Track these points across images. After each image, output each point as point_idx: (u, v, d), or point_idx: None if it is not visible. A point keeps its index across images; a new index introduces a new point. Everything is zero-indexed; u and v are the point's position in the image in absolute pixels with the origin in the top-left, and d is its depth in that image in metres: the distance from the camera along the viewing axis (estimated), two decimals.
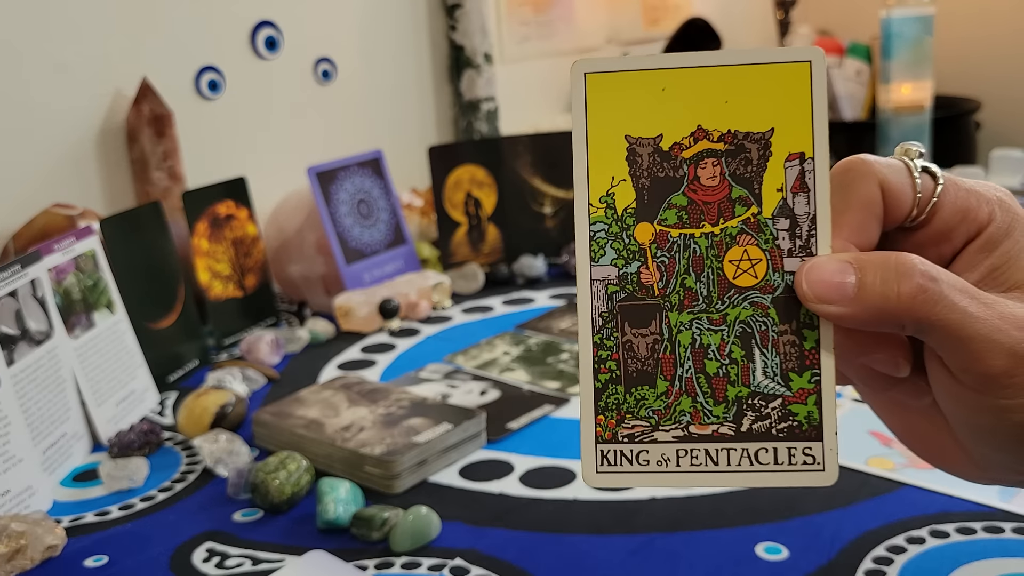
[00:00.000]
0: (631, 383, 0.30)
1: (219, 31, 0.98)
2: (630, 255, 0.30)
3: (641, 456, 0.30)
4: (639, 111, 0.30)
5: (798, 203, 0.29)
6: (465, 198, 1.01)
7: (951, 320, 0.27)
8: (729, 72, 0.29)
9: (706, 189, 0.30)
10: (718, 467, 0.30)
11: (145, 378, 0.73)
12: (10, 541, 0.51)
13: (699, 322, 0.30)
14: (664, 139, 0.30)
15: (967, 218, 0.30)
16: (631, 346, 0.30)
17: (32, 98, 0.85)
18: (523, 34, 1.34)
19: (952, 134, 1.50)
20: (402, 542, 0.50)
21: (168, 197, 0.90)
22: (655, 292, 0.30)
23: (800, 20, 1.64)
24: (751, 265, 0.29)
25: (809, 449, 0.29)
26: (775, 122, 0.29)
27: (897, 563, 0.46)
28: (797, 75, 0.29)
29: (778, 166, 0.29)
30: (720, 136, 0.29)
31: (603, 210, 0.30)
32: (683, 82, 0.29)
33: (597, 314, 0.30)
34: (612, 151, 0.30)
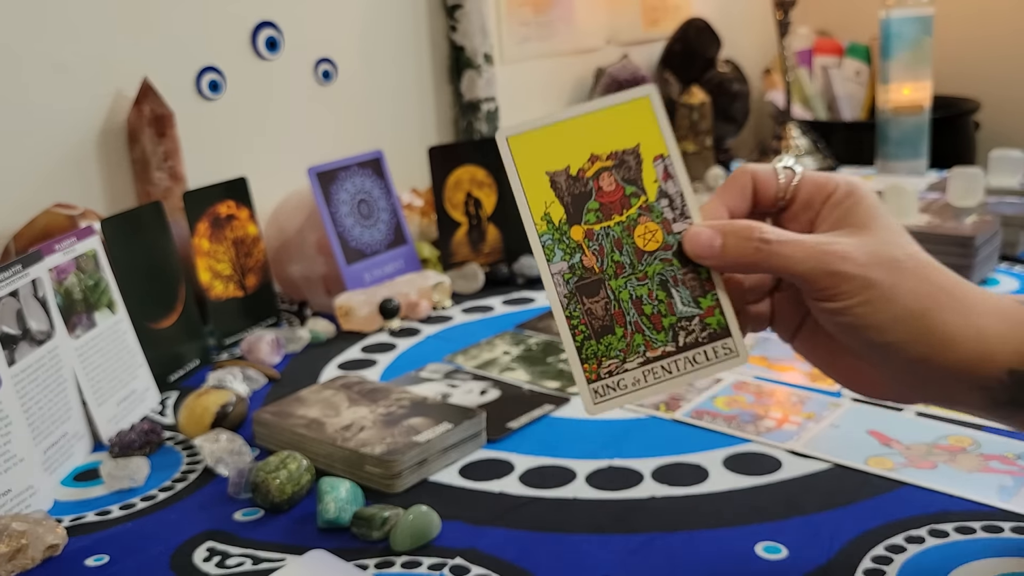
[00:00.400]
0: (599, 335, 0.42)
1: (220, 32, 0.98)
2: (572, 250, 0.42)
3: (620, 383, 0.42)
4: (550, 153, 0.42)
5: (669, 187, 0.43)
6: (465, 198, 1.01)
7: (782, 263, 0.41)
8: (601, 114, 0.43)
9: (608, 193, 0.43)
10: (672, 375, 0.42)
11: (146, 378, 0.73)
12: (11, 540, 0.51)
13: (630, 282, 0.42)
14: (571, 168, 0.42)
15: (820, 190, 0.43)
16: (591, 311, 0.42)
17: (33, 99, 0.85)
18: (523, 35, 1.34)
19: (951, 134, 1.51)
20: (402, 541, 0.50)
21: (169, 197, 0.90)
22: (596, 271, 0.42)
23: (799, 21, 1.64)
24: (652, 235, 0.43)
25: (725, 344, 0.42)
26: (639, 138, 0.43)
27: (896, 562, 0.46)
28: (644, 105, 0.43)
29: (649, 166, 0.43)
30: (607, 156, 0.43)
31: (545, 224, 0.42)
32: (574, 127, 0.43)
33: (561, 296, 0.42)
34: (539, 184, 0.42)
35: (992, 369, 0.41)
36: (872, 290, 0.41)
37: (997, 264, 0.91)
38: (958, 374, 0.42)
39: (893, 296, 0.41)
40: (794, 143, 1.38)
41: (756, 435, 0.60)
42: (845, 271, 0.41)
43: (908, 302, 0.41)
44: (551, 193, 0.42)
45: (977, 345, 0.41)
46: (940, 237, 0.86)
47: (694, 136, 1.35)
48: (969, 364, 0.41)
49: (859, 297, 0.41)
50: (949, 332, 0.41)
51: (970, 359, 0.41)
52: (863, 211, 0.43)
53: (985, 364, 0.41)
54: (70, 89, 0.87)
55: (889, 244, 0.42)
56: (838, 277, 0.41)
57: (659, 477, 0.56)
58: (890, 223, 0.43)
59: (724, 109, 1.47)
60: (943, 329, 0.41)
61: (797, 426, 0.61)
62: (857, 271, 0.41)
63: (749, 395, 0.66)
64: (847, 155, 1.45)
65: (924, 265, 0.43)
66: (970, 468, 0.54)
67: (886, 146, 1.26)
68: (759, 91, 1.70)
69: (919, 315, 0.41)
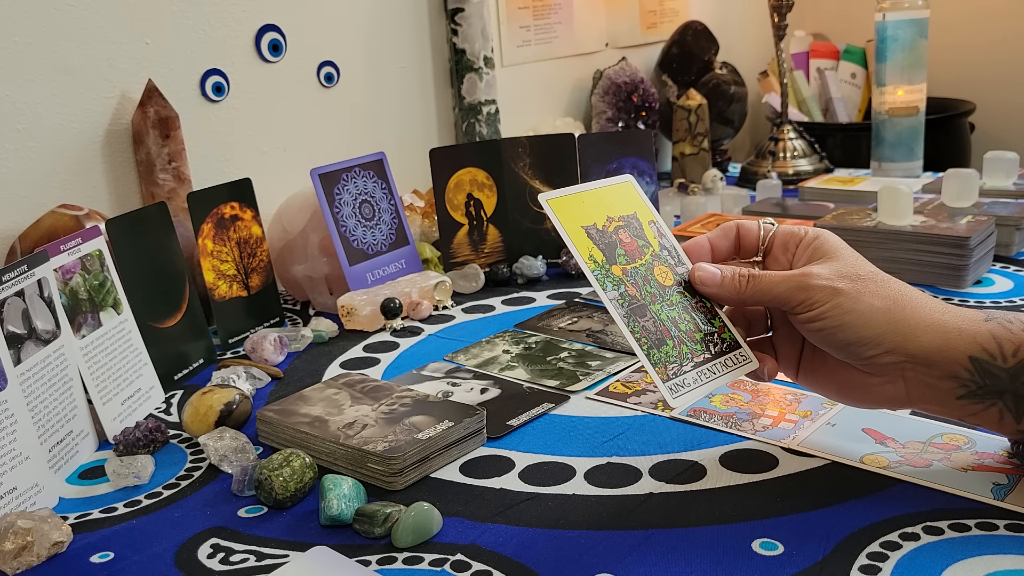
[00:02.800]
0: (657, 346, 0.52)
1: (224, 35, 0.99)
2: (617, 283, 0.53)
3: (684, 381, 0.52)
4: (579, 213, 0.54)
5: (664, 242, 0.57)
6: (466, 199, 1.02)
7: (764, 288, 0.53)
8: (605, 190, 0.57)
9: (627, 244, 0.55)
10: (716, 375, 0.53)
11: (151, 377, 0.74)
12: (16, 538, 0.51)
13: (664, 307, 0.54)
14: (598, 224, 0.55)
15: (793, 237, 0.56)
16: (645, 328, 0.52)
17: (39, 100, 0.85)
18: (523, 38, 1.34)
19: (946, 136, 1.51)
20: (404, 538, 0.51)
21: (174, 198, 0.90)
22: (638, 298, 0.53)
23: (795, 24, 1.65)
24: (666, 274, 0.55)
25: (740, 353, 0.55)
26: (635, 208, 0.57)
27: (891, 559, 0.47)
28: (629, 187, 0.58)
29: (647, 228, 0.57)
30: (619, 217, 0.56)
31: (593, 263, 0.53)
32: (590, 197, 0.56)
33: (622, 316, 0.52)
34: (580, 234, 0.54)
35: (956, 356, 0.49)
36: (839, 296, 0.50)
37: (992, 265, 0.92)
38: (928, 363, 0.50)
39: (858, 297, 0.50)
40: (790, 145, 1.39)
41: (752, 433, 0.61)
42: (814, 284, 0.51)
43: (872, 301, 0.50)
44: (589, 241, 0.53)
45: (937, 336, 0.50)
46: (935, 238, 0.86)
47: (691, 138, 1.36)
48: (934, 352, 0.50)
49: (830, 303, 0.50)
50: (912, 325, 0.50)
51: (934, 347, 0.50)
52: (828, 246, 0.53)
53: (949, 352, 0.49)
54: (76, 91, 0.88)
55: (851, 265, 0.52)
56: (810, 290, 0.51)
57: (657, 474, 0.57)
58: (852, 253, 0.54)
59: (721, 112, 1.47)
60: (907, 322, 0.50)
61: (793, 424, 0.62)
62: (824, 282, 0.51)
63: (745, 393, 0.67)
64: (843, 157, 1.45)
65: (884, 278, 0.52)
66: (964, 466, 0.55)
67: (881, 148, 1.27)
68: (756, 94, 1.71)
69: (884, 311, 0.50)
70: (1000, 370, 0.49)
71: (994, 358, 0.49)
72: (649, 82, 1.42)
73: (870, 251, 0.90)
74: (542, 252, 1.02)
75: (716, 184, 1.30)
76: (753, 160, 1.41)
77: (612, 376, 0.72)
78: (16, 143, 0.84)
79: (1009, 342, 0.49)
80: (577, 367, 0.74)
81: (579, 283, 0.97)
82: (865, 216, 0.94)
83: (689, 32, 1.49)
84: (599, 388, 0.70)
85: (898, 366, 0.51)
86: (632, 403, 0.67)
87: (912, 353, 0.50)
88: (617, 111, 1.40)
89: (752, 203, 1.17)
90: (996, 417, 0.50)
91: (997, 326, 0.50)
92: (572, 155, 1.04)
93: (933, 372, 0.50)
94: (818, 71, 1.73)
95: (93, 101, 0.89)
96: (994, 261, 0.93)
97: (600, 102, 1.41)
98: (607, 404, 0.67)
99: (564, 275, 1.00)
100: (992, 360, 0.49)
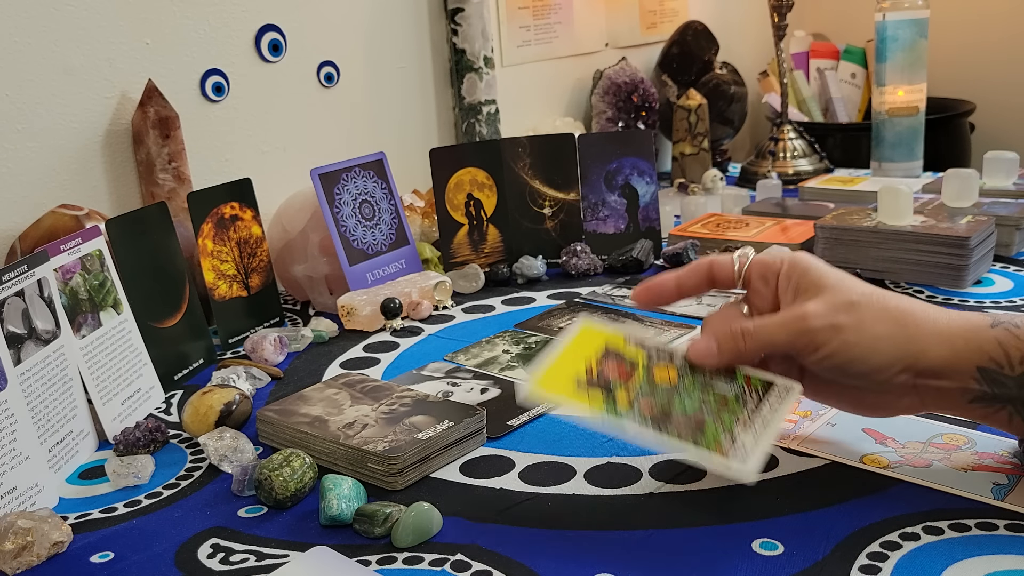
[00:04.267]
0: (700, 432, 0.50)
1: (224, 35, 0.99)
2: (629, 409, 0.52)
3: (744, 445, 0.49)
4: (564, 377, 0.54)
5: (647, 349, 0.56)
6: (466, 199, 1.02)
7: (765, 342, 0.52)
8: (574, 342, 0.56)
9: (617, 369, 0.54)
10: (770, 421, 0.51)
11: (151, 376, 0.74)
12: (16, 538, 0.51)
13: (683, 399, 0.52)
14: (581, 376, 0.54)
15: (769, 269, 0.54)
16: (679, 425, 0.50)
17: (39, 100, 0.85)
18: (523, 38, 1.35)
19: (946, 136, 1.51)
20: (404, 538, 0.51)
21: (174, 198, 0.90)
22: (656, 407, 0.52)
23: (796, 24, 1.65)
24: (666, 371, 0.54)
25: (776, 387, 0.53)
26: (605, 339, 0.57)
27: (891, 559, 0.47)
28: (590, 327, 0.58)
29: (624, 347, 0.56)
30: (597, 356, 0.55)
31: (600, 408, 0.52)
32: (565, 356, 0.55)
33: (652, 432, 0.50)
34: (576, 394, 0.53)
35: (965, 367, 0.49)
36: (842, 332, 0.49)
37: (992, 265, 0.92)
38: (938, 376, 0.50)
39: (861, 328, 0.49)
40: (790, 145, 1.39)
41: None
42: (813, 326, 0.50)
43: (876, 328, 0.50)
44: (584, 394, 0.52)
45: (944, 348, 0.50)
46: (935, 238, 0.87)
47: (691, 138, 1.36)
48: (943, 366, 0.49)
49: (834, 341, 0.50)
50: (919, 342, 0.50)
51: (942, 361, 0.49)
52: (811, 278, 0.52)
53: (957, 364, 0.49)
54: (76, 91, 0.88)
55: (842, 292, 0.51)
56: (810, 333, 0.50)
57: (657, 474, 0.57)
58: (838, 276, 0.52)
59: (721, 112, 1.47)
60: (914, 340, 0.50)
61: (793, 424, 0.62)
62: (823, 322, 0.50)
63: None
64: (843, 157, 1.45)
65: (880, 298, 0.51)
66: (964, 466, 0.55)
67: (881, 148, 1.27)
68: (756, 94, 1.71)
69: (889, 336, 0.50)
70: (1007, 379, 0.49)
71: (1001, 367, 0.49)
72: (649, 82, 1.42)
73: (870, 251, 0.90)
74: (542, 252, 1.02)
75: (716, 184, 1.30)
76: (753, 160, 1.41)
77: None
78: (16, 143, 0.84)
79: (1016, 349, 0.49)
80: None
81: (579, 283, 0.97)
82: (865, 216, 0.94)
83: (689, 32, 1.49)
84: None
85: (910, 382, 0.51)
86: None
87: (922, 369, 0.50)
88: (617, 111, 1.40)
89: (752, 203, 1.17)
90: (1006, 419, 0.51)
91: (1004, 332, 0.50)
92: (572, 155, 1.04)
93: (944, 383, 0.50)
94: (818, 71, 1.73)
95: (93, 101, 0.89)
96: (994, 261, 0.93)
97: (600, 102, 1.41)
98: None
99: (564, 275, 1.00)
100: (999, 369, 0.49)
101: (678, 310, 0.86)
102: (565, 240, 1.04)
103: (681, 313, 0.85)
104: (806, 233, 0.99)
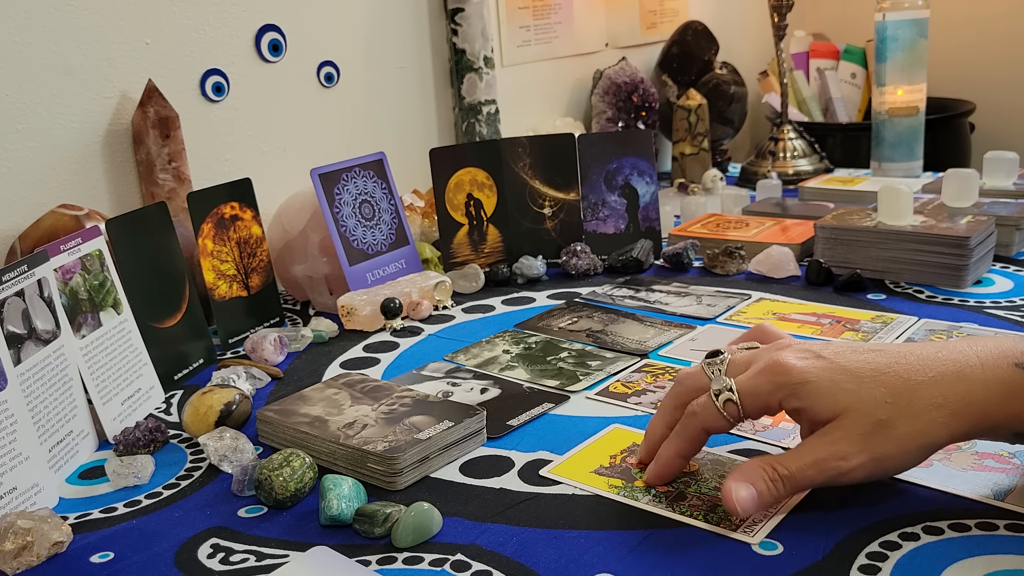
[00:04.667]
0: (711, 511, 0.52)
1: (224, 35, 0.99)
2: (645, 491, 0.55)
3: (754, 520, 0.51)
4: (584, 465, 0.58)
5: None
6: (466, 199, 1.02)
7: (805, 485, 0.50)
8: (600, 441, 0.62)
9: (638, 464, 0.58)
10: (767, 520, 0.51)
11: (151, 377, 0.74)
12: (16, 538, 0.51)
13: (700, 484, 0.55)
14: (604, 463, 0.59)
15: (766, 408, 0.51)
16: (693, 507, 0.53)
17: (39, 100, 0.85)
18: (523, 38, 1.35)
19: (946, 136, 1.51)
20: (404, 538, 0.51)
21: (174, 198, 0.90)
22: (672, 490, 0.55)
23: (795, 24, 1.65)
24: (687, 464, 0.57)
25: None
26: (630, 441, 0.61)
27: (891, 559, 0.47)
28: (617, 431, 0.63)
29: None
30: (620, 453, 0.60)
31: (616, 490, 0.56)
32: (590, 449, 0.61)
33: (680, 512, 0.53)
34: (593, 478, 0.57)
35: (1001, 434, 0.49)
36: (875, 454, 0.48)
37: (992, 265, 0.92)
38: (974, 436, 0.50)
39: (889, 441, 0.48)
40: (790, 145, 1.39)
41: (753, 433, 0.61)
42: (849, 468, 0.48)
43: (905, 439, 0.48)
44: (603, 478, 0.56)
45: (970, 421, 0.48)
46: (935, 238, 0.87)
47: (691, 138, 1.36)
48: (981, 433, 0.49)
49: (870, 469, 0.49)
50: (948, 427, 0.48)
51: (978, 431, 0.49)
52: (820, 409, 0.49)
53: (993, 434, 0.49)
54: (76, 91, 0.88)
55: (863, 415, 0.48)
56: (848, 475, 0.49)
57: None
58: (848, 391, 0.49)
59: (721, 112, 1.47)
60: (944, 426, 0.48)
61: (793, 424, 0.62)
62: (858, 461, 0.48)
63: None
64: (843, 157, 1.45)
65: (887, 393, 0.48)
66: (965, 466, 0.55)
67: (881, 148, 1.27)
68: (756, 94, 1.71)
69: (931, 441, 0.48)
70: None
71: None
72: (649, 82, 1.42)
73: (870, 251, 0.90)
74: (542, 252, 1.02)
75: (716, 184, 1.30)
76: (753, 160, 1.41)
77: (612, 376, 0.72)
78: (16, 143, 0.84)
79: None
80: (577, 367, 0.74)
81: (579, 283, 0.98)
82: (865, 216, 0.94)
83: (689, 32, 1.49)
84: (599, 388, 0.70)
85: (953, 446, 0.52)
86: (632, 403, 0.67)
87: (958, 439, 0.49)
88: (617, 111, 1.40)
89: (752, 203, 1.17)
90: None
91: None
92: (572, 155, 1.04)
93: (985, 437, 0.50)
94: (818, 71, 1.73)
95: (93, 101, 0.89)
96: (994, 261, 0.93)
97: (600, 102, 1.41)
98: (607, 404, 0.67)
99: (564, 275, 1.00)
100: None
101: (678, 310, 0.86)
102: (565, 240, 1.04)
103: (681, 313, 0.85)
104: (806, 233, 0.99)
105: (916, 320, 0.79)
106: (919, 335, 0.76)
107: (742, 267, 0.96)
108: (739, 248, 0.96)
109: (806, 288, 0.90)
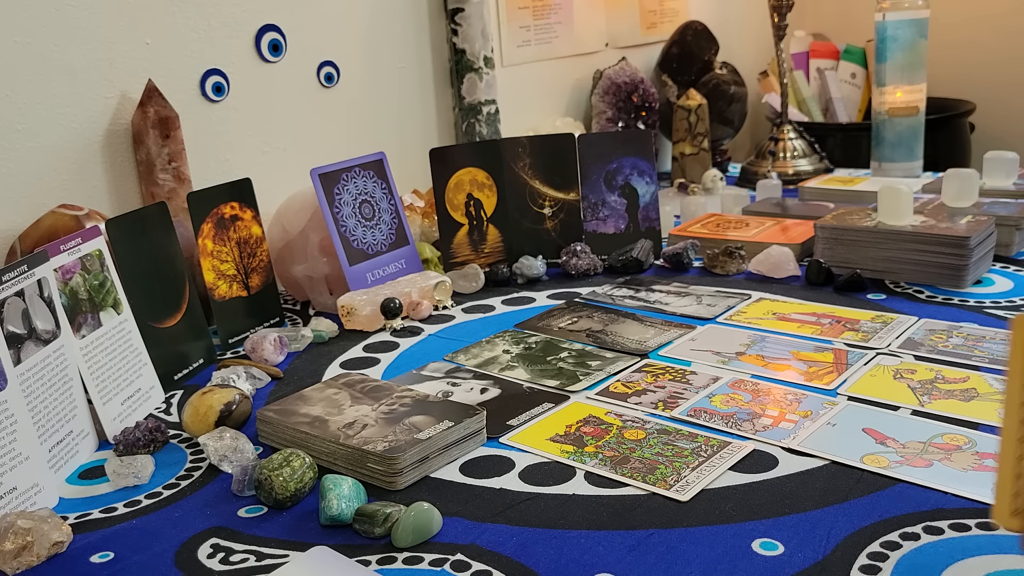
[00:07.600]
0: (651, 472, 0.56)
1: (224, 35, 0.99)
2: (593, 455, 0.59)
3: (688, 482, 0.55)
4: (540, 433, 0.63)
5: None
6: (466, 199, 1.02)
7: None
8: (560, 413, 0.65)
9: (593, 432, 0.61)
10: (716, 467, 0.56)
11: (151, 377, 0.74)
12: (16, 538, 0.51)
13: (645, 450, 0.59)
14: (559, 431, 0.64)
15: None
16: (634, 468, 0.56)
17: (39, 100, 0.85)
18: (523, 38, 1.35)
19: (946, 136, 1.51)
20: (404, 538, 0.51)
21: (174, 198, 0.90)
22: (619, 454, 0.59)
23: (796, 24, 1.65)
24: (636, 433, 0.63)
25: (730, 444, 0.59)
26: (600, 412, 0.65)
27: (892, 559, 0.47)
28: None
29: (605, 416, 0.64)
30: (577, 421, 0.64)
31: (566, 454, 0.60)
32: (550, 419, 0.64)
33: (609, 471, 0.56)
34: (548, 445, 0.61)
35: None
36: None
37: (992, 265, 0.92)
38: None
39: None
40: (790, 145, 1.39)
41: (753, 433, 0.61)
42: None
43: None
44: (556, 444, 0.61)
45: None
46: (935, 238, 0.87)
47: (691, 138, 1.36)
48: None
49: None
50: None
51: None
52: None
53: None
54: (76, 91, 0.88)
55: None
56: None
57: None
58: None
59: (721, 111, 1.47)
60: None
61: (793, 424, 0.62)
62: None
63: (746, 393, 0.67)
64: (843, 157, 1.45)
65: None
66: (965, 466, 0.55)
67: (881, 148, 1.27)
68: (756, 94, 1.71)
69: None
70: None
71: None
72: (649, 82, 1.42)
73: (870, 251, 0.90)
74: (542, 252, 1.02)
75: (716, 184, 1.30)
76: (753, 160, 1.41)
77: (612, 376, 0.72)
78: (16, 143, 0.84)
79: None
80: (577, 367, 0.74)
81: (579, 283, 0.97)
82: (865, 216, 0.94)
83: (689, 32, 1.49)
84: (599, 388, 0.70)
85: None
86: (632, 403, 0.67)
87: None
88: (617, 111, 1.40)
89: (752, 203, 1.17)
90: None
91: None
92: (572, 155, 1.04)
93: None
94: (818, 71, 1.73)
95: (93, 101, 0.89)
96: (994, 261, 0.93)
97: (600, 102, 1.41)
98: (607, 404, 0.67)
99: (564, 275, 1.00)
100: None
101: (678, 310, 0.86)
102: (565, 240, 1.04)
103: (681, 313, 0.85)
104: (806, 233, 0.99)
105: (916, 320, 0.79)
106: (919, 335, 0.76)
107: (742, 267, 0.96)
108: (739, 248, 0.96)
109: (806, 288, 0.90)
